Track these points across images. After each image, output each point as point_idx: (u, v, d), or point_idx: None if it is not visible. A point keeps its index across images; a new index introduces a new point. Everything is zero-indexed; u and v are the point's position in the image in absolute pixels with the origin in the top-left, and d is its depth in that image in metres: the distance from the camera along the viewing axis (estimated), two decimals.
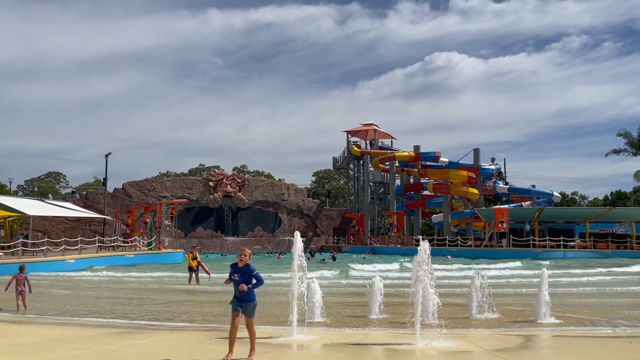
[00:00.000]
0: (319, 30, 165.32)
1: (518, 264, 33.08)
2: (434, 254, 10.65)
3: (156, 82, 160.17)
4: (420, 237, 53.37)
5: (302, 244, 9.76)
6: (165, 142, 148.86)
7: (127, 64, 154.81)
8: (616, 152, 68.64)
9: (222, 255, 54.95)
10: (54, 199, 52.27)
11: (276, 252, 57.24)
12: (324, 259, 41.55)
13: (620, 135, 67.86)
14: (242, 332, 7.80)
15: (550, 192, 64.25)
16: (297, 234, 9.92)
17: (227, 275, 8.03)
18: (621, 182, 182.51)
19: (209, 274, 22.26)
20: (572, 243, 46.20)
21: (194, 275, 21.78)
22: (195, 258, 21.74)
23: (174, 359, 7.57)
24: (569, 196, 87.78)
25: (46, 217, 49.51)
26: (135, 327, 10.91)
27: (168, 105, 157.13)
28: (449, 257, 42.31)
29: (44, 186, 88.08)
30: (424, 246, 9.07)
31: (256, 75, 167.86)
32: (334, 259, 41.87)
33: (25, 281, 13.52)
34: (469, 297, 12.85)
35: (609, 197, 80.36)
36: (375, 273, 23.78)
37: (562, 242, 44.78)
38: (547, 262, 34.14)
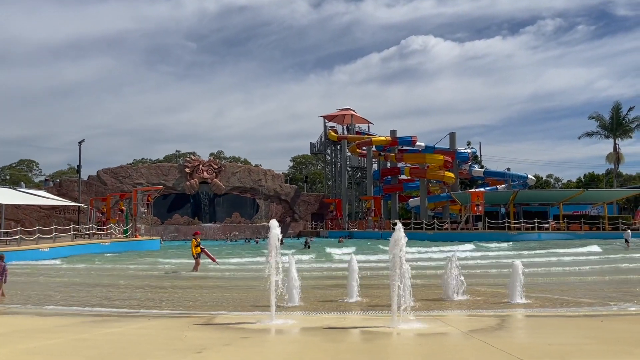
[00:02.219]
0: (293, 13, 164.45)
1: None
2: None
3: (129, 68, 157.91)
4: (397, 221, 53.80)
5: (279, 233, 9.67)
6: (140, 129, 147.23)
7: (98, 49, 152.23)
8: (589, 134, 69.81)
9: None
10: (26, 187, 51.38)
11: (256, 238, 57.26)
12: (309, 246, 40.20)
13: (593, 118, 68.99)
14: (223, 316, 7.73)
15: (525, 175, 65.06)
16: (273, 221, 9.85)
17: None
18: (594, 164, 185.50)
19: (214, 261, 21.99)
20: (546, 225, 46.89)
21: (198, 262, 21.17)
22: (198, 245, 21.08)
23: (151, 347, 7.51)
24: (544, 179, 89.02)
25: (19, 205, 48.73)
26: (112, 315, 10.80)
27: (141, 92, 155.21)
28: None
29: (16, 174, 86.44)
30: (399, 229, 9.11)
31: (230, 60, 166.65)
32: (307, 245, 39.50)
33: (4, 270, 13.39)
34: (445, 280, 12.97)
35: (582, 179, 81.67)
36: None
37: (536, 224, 45.45)
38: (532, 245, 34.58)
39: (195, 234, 22.00)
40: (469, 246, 33.81)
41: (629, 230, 37.61)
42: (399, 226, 9.10)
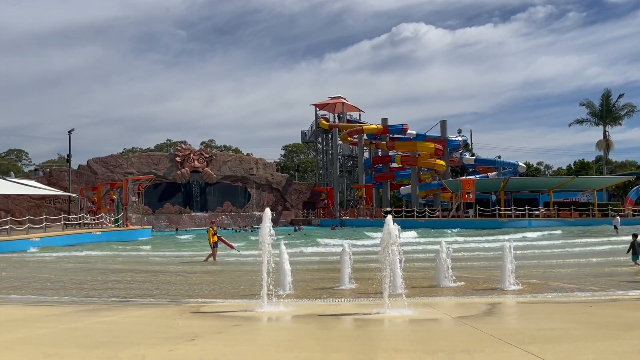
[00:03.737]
0: (284, 0, 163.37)
1: None
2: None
3: (117, 56, 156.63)
4: (388, 209, 53.97)
5: (270, 223, 9.71)
6: (129, 118, 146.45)
7: (85, 37, 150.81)
8: (579, 122, 70.16)
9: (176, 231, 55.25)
10: (16, 177, 51.04)
11: (245, 227, 57.30)
12: (305, 233, 40.96)
13: (583, 105, 69.33)
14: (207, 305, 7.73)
15: (516, 162, 65.35)
16: (267, 210, 9.88)
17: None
18: (584, 151, 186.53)
19: (232, 247, 21.91)
20: (536, 212, 47.22)
21: (212, 252, 20.76)
22: (215, 233, 20.64)
23: (143, 335, 7.52)
24: (534, 166, 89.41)
25: (9, 195, 48.44)
26: (104, 304, 10.80)
27: (130, 80, 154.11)
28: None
29: (5, 164, 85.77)
30: (390, 218, 9.15)
31: (220, 48, 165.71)
32: (296, 230, 40.94)
33: None
34: (436, 266, 13.06)
35: (572, 166, 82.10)
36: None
37: (527, 211, 45.74)
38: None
39: (211, 223, 21.77)
40: (517, 235, 32.70)
41: (618, 217, 37.91)
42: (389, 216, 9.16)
